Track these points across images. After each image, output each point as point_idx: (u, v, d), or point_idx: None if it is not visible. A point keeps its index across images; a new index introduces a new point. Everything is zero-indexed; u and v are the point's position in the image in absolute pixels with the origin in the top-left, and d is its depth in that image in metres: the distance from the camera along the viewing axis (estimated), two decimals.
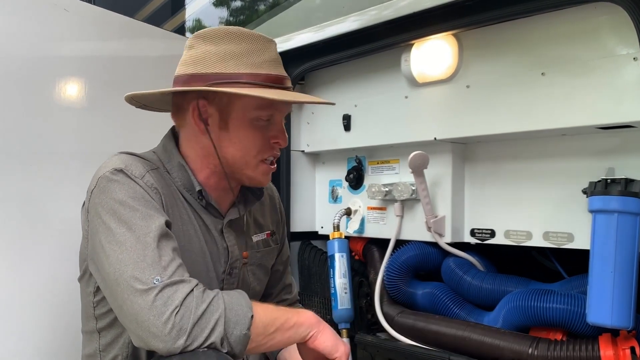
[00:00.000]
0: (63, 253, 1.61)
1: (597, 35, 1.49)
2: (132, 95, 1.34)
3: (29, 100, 1.59)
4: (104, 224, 1.19)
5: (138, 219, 1.18)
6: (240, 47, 1.30)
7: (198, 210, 1.37)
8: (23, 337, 1.56)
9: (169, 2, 3.72)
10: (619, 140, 1.56)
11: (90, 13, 1.78)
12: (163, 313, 1.07)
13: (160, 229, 1.18)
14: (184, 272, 1.16)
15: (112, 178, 1.23)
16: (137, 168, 1.26)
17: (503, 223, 1.81)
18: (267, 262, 1.59)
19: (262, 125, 1.32)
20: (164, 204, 1.27)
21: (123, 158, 1.28)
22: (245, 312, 1.15)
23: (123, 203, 1.19)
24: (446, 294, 1.90)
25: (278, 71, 1.33)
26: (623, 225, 1.38)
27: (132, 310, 1.10)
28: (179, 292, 1.10)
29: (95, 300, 1.32)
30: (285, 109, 1.38)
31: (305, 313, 1.27)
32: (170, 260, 1.15)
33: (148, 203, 1.22)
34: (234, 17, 3.36)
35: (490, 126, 1.71)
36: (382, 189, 2.04)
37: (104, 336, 1.34)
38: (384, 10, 1.84)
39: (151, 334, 1.07)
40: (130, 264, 1.13)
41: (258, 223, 1.56)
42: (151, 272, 1.11)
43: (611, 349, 1.44)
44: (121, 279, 1.12)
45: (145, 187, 1.24)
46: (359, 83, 2.15)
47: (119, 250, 1.15)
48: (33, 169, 1.59)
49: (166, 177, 1.33)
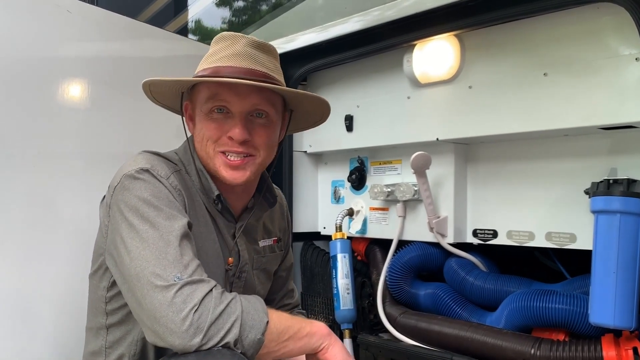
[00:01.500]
0: (68, 252, 1.62)
1: (600, 35, 1.49)
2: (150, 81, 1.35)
3: (33, 101, 1.60)
4: (126, 220, 1.20)
5: (162, 218, 1.19)
6: (214, 48, 1.35)
7: (213, 213, 1.38)
8: (28, 335, 1.56)
9: (171, 4, 3.72)
10: (621, 141, 1.56)
11: (92, 14, 1.78)
12: (182, 310, 1.08)
13: (183, 229, 1.20)
14: (202, 273, 1.18)
15: (137, 176, 1.24)
16: (162, 169, 1.28)
17: (505, 223, 1.81)
18: (271, 267, 1.60)
19: (219, 118, 1.31)
20: (186, 205, 1.29)
21: (149, 158, 1.30)
22: (261, 317, 1.16)
23: (148, 202, 1.21)
24: (448, 294, 1.90)
25: (233, 63, 1.30)
26: (625, 225, 1.38)
27: (151, 306, 1.11)
28: (198, 291, 1.11)
29: (109, 295, 1.33)
30: (240, 102, 1.30)
31: (317, 324, 1.28)
32: (190, 259, 1.17)
33: (172, 204, 1.23)
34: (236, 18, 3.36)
35: (493, 126, 1.71)
36: (385, 190, 2.04)
37: (112, 333, 1.34)
38: (387, 10, 1.84)
39: (168, 329, 1.08)
40: (152, 260, 1.14)
41: (267, 229, 1.58)
42: (172, 270, 1.13)
43: (614, 349, 1.44)
44: (142, 275, 1.14)
45: (170, 187, 1.26)
46: (361, 84, 2.15)
47: (142, 246, 1.16)
48: (37, 169, 1.59)
49: (187, 178, 1.35)
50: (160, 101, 1.45)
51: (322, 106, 1.45)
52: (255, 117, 1.33)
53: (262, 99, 1.32)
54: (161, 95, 1.42)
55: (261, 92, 1.31)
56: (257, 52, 1.33)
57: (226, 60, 1.30)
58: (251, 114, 1.33)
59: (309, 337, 1.24)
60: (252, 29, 2.93)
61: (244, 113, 1.31)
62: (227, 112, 1.31)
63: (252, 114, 1.33)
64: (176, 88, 1.37)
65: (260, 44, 1.34)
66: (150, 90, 1.40)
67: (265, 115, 1.34)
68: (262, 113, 1.34)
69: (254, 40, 1.33)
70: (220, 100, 1.30)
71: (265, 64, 1.33)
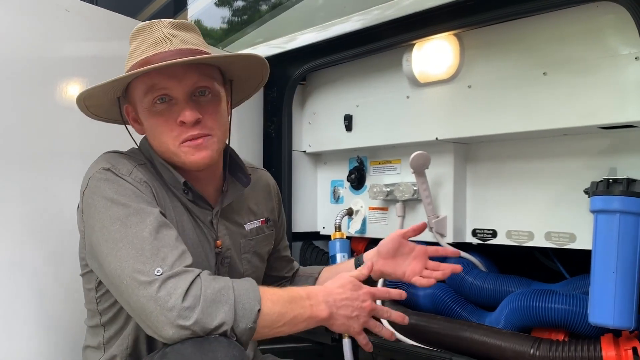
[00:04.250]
0: (64, 252, 1.61)
1: (599, 35, 1.48)
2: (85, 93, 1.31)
3: (31, 100, 1.59)
4: (98, 223, 1.21)
5: (131, 215, 1.19)
6: (134, 43, 1.32)
7: (187, 203, 1.36)
8: (24, 335, 1.56)
9: (171, 3, 3.72)
10: (621, 140, 1.56)
11: (92, 14, 1.78)
12: (167, 301, 1.09)
13: (155, 220, 1.19)
14: (185, 259, 1.17)
15: (100, 177, 1.24)
16: (123, 165, 1.28)
17: (505, 223, 1.81)
18: (262, 249, 1.56)
19: (164, 108, 1.27)
20: (155, 196, 1.28)
21: (109, 157, 1.31)
22: (252, 306, 1.15)
23: (114, 201, 1.21)
24: (448, 294, 1.90)
25: (159, 49, 1.26)
26: (625, 225, 1.38)
27: (138, 304, 1.11)
28: (181, 281, 1.11)
29: (98, 295, 1.34)
30: (180, 85, 1.26)
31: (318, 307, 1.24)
32: (169, 250, 1.16)
33: (138, 198, 1.23)
34: (236, 17, 3.36)
35: (492, 126, 1.71)
36: (384, 189, 2.04)
37: (107, 330, 1.36)
38: (386, 10, 1.84)
39: (160, 323, 1.09)
40: (130, 260, 1.14)
41: (252, 210, 1.54)
42: (152, 264, 1.13)
43: (613, 349, 1.44)
44: (123, 275, 1.14)
45: (134, 182, 1.25)
46: (360, 83, 2.15)
47: (117, 247, 1.16)
48: (34, 169, 1.59)
49: (154, 172, 1.34)
50: (99, 115, 1.41)
51: (260, 66, 1.40)
52: (199, 96, 1.29)
53: (201, 75, 1.28)
54: (98, 108, 1.38)
55: (198, 69, 1.27)
56: (179, 31, 1.30)
57: (152, 49, 1.27)
58: (194, 93, 1.28)
59: (309, 321, 1.22)
60: (251, 29, 2.93)
61: (187, 94, 1.27)
62: (170, 99, 1.27)
63: (195, 94, 1.29)
64: (111, 94, 1.34)
65: (178, 24, 1.31)
66: (86, 104, 1.36)
67: (210, 92, 1.30)
68: (205, 90, 1.30)
69: (171, 21, 1.31)
70: (159, 90, 1.26)
71: (190, 41, 1.30)
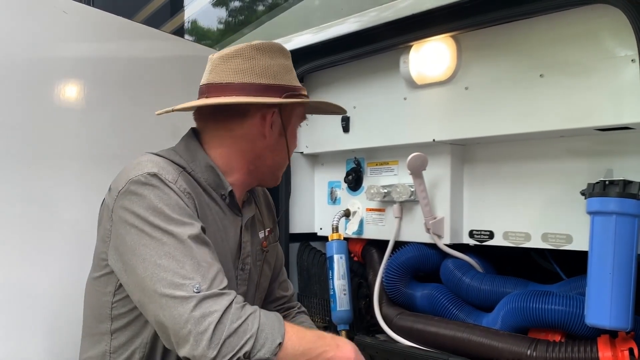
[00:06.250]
0: (66, 254, 1.62)
1: (596, 37, 1.49)
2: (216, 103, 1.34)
3: (29, 102, 1.59)
4: (136, 228, 1.18)
5: (174, 226, 1.17)
6: (289, 61, 1.44)
7: (224, 208, 1.38)
8: (25, 338, 1.56)
9: (167, 4, 3.71)
10: (617, 142, 1.56)
11: (88, 15, 1.78)
12: (200, 323, 1.09)
13: (197, 236, 1.19)
14: (223, 280, 1.18)
15: (145, 182, 1.21)
16: (169, 172, 1.25)
17: (502, 224, 1.81)
18: (271, 257, 1.61)
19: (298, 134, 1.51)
20: (196, 207, 1.27)
21: (155, 161, 1.27)
22: (274, 337, 1.15)
23: (159, 210, 1.18)
24: (445, 295, 1.90)
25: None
26: (621, 226, 1.38)
27: (170, 318, 1.11)
28: (217, 305, 1.12)
29: (115, 300, 1.30)
30: None
31: (344, 348, 1.25)
32: (208, 267, 1.17)
33: (183, 210, 1.21)
34: (233, 18, 3.36)
35: (489, 128, 1.71)
36: (381, 191, 2.04)
37: (116, 338, 1.31)
38: (383, 12, 1.84)
39: (185, 341, 1.09)
40: (169, 271, 1.13)
41: (261, 221, 1.58)
42: (191, 280, 1.13)
43: (610, 350, 1.45)
44: (158, 286, 1.13)
45: (179, 192, 1.23)
46: (357, 84, 2.15)
47: (157, 255, 1.15)
48: (33, 170, 1.59)
49: (191, 179, 1.33)
50: None
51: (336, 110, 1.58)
52: None
53: None
54: None
55: None
56: None
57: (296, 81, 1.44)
58: None
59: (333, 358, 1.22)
60: (248, 30, 2.93)
61: None
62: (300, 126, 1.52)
63: None
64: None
65: None
66: None
67: None
68: None
69: None
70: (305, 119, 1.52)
71: None
